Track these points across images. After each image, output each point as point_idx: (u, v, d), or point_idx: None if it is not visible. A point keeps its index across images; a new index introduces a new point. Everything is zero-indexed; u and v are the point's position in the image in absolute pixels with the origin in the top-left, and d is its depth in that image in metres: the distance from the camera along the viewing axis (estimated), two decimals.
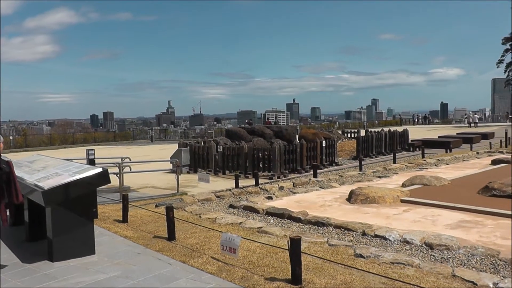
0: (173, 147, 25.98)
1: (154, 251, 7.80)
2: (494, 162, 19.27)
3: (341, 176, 16.56)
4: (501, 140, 29.83)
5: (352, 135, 32.67)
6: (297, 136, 25.85)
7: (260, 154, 18.21)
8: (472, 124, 63.61)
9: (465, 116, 77.27)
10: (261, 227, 9.13)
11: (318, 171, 17.17)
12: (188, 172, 19.78)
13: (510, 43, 70.47)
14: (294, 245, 6.05)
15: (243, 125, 53.41)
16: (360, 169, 18.42)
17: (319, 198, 12.45)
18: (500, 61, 72.19)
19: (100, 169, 7.74)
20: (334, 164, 20.99)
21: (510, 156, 20.28)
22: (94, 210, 7.69)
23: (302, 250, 6.21)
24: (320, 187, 14.13)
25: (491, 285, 5.85)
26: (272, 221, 10.00)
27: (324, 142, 20.52)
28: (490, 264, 6.79)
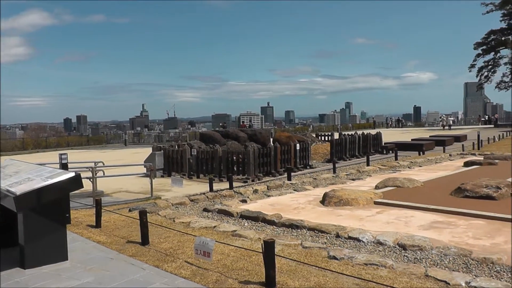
0: (147, 151, 25.82)
1: (128, 256, 7.74)
2: (467, 164, 19.51)
3: (315, 178, 16.60)
4: (473, 143, 30.22)
5: (326, 138, 32.88)
6: (271, 139, 25.91)
7: (235, 158, 18.19)
8: (446, 127, 64.57)
9: (440, 119, 78.35)
10: (235, 231, 9.11)
11: (292, 174, 17.21)
12: (162, 176, 19.67)
13: (482, 48, 71.65)
14: (268, 248, 6.05)
15: (217, 129, 53.39)
16: (334, 172, 18.50)
17: (293, 201, 12.47)
18: (472, 66, 73.43)
19: (72, 174, 7.66)
20: (308, 167, 21.04)
21: (482, 158, 20.56)
22: (67, 215, 7.64)
23: (276, 253, 6.22)
24: (294, 190, 14.17)
25: (464, 284, 5.91)
26: (246, 224, 9.99)
27: (298, 145, 20.57)
28: (463, 263, 6.88)
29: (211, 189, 14.17)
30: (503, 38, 69.18)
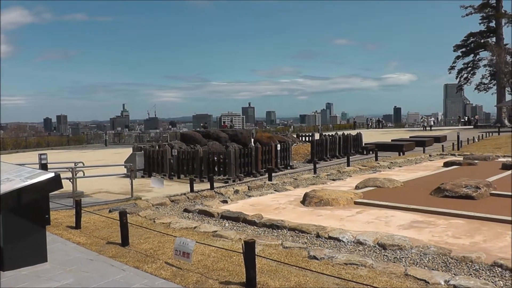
0: (127, 151, 25.71)
1: (107, 257, 7.70)
2: (446, 164, 19.69)
3: (295, 179, 16.64)
4: (453, 143, 30.47)
5: (307, 139, 32.96)
6: (252, 140, 25.90)
7: (215, 158, 18.17)
8: (427, 128, 65.28)
9: (421, 120, 79.21)
10: (216, 231, 9.11)
11: (273, 174, 17.24)
12: (142, 177, 19.58)
13: (461, 50, 72.55)
14: (248, 248, 6.06)
15: (198, 129, 53.28)
16: (315, 172, 18.56)
17: (274, 201, 12.49)
18: (452, 67, 74.59)
19: (52, 174, 7.60)
20: (289, 168, 21.08)
21: (462, 158, 20.75)
22: (47, 216, 7.58)
23: (256, 253, 6.23)
24: (275, 190, 14.19)
25: (443, 283, 5.97)
26: (227, 224, 9.99)
27: (279, 145, 20.61)
28: (442, 262, 6.94)
29: (191, 190, 14.13)
30: (482, 41, 70.32)
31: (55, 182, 7.59)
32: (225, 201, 12.51)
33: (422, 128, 67.26)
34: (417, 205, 10.89)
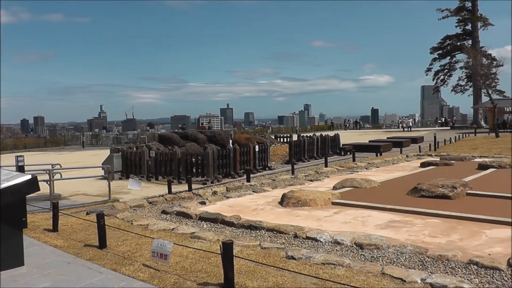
0: (105, 153, 25.53)
1: (85, 260, 7.66)
2: (423, 165, 19.87)
3: (273, 180, 16.68)
4: (430, 144, 30.70)
5: (285, 140, 33.01)
6: (230, 141, 25.89)
7: (193, 159, 18.13)
8: (406, 129, 65.96)
9: (400, 121, 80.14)
10: (194, 233, 9.11)
11: (251, 175, 17.28)
12: (120, 178, 19.49)
13: (438, 52, 73.32)
14: (226, 249, 6.08)
15: (176, 130, 53.08)
16: (293, 173, 18.61)
17: (252, 202, 12.52)
18: (429, 69, 75.32)
19: (29, 176, 7.55)
20: (267, 169, 21.12)
21: (438, 159, 20.97)
22: (23, 219, 7.48)
23: (234, 254, 6.26)
24: (253, 191, 14.23)
25: (419, 281, 6.06)
26: (205, 226, 9.99)
27: (257, 146, 20.65)
28: (419, 261, 7.04)
29: (169, 191, 14.11)
30: (458, 43, 71.24)
31: (32, 185, 7.54)
32: (203, 203, 12.50)
33: (401, 129, 67.89)
34: (394, 205, 11.00)
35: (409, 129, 66.19)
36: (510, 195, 11.57)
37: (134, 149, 20.89)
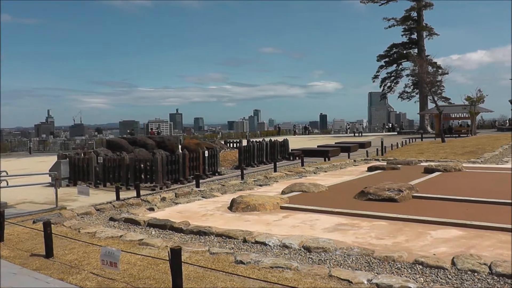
0: (52, 159, 25.04)
1: (31, 270, 7.50)
2: (370, 169, 20.21)
3: (223, 185, 16.67)
4: (377, 149, 31.26)
5: (235, 145, 33.05)
6: (179, 147, 25.79)
7: (142, 165, 17.98)
8: (357, 134, 67.21)
9: (348, 127, 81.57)
10: (142, 239, 9.03)
11: (201, 181, 17.23)
12: (68, 185, 19.15)
13: (384, 60, 74.92)
14: (174, 256, 6.05)
15: (125, 136, 52.50)
16: (242, 178, 18.65)
17: (201, 208, 12.48)
18: (376, 76, 76.91)
19: None
20: (216, 174, 21.12)
21: (385, 163, 21.34)
22: None
23: (183, 260, 6.24)
24: (203, 197, 14.18)
25: (366, 282, 6.17)
26: (153, 232, 9.91)
27: (206, 152, 20.62)
28: (365, 262, 7.16)
29: (117, 198, 13.94)
30: (405, 52, 73.09)
31: None
32: (152, 209, 12.40)
33: (352, 134, 69.11)
34: (342, 209, 11.14)
35: (360, 134, 67.51)
36: (459, 197, 11.99)
37: (82, 155, 20.56)
